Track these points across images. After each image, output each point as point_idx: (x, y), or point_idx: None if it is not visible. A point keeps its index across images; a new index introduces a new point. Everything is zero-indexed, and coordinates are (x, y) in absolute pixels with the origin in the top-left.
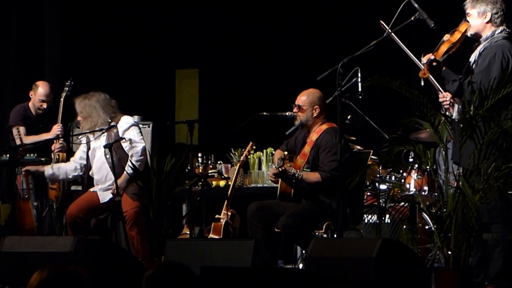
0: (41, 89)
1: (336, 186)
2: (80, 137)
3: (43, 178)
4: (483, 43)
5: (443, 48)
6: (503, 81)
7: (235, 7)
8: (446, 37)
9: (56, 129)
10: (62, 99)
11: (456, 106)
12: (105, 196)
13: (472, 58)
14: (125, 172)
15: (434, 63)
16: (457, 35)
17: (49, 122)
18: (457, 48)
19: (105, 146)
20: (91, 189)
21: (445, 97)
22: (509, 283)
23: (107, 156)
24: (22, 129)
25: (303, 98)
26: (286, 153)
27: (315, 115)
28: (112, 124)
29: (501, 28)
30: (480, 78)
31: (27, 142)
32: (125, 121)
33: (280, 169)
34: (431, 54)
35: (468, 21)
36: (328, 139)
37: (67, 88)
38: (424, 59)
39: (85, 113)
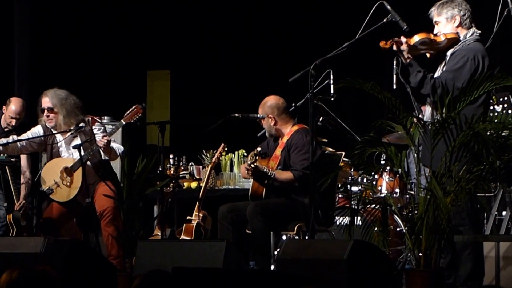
0: (12, 106)
1: (308, 185)
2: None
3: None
4: (455, 46)
5: (418, 37)
6: (476, 84)
7: (207, 9)
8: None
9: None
10: None
11: (428, 109)
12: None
13: (443, 62)
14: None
15: (401, 45)
16: (440, 37)
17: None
18: (434, 55)
19: (74, 147)
20: None
21: None
22: (480, 285)
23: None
24: None
25: (259, 110)
26: (259, 149)
27: (272, 123)
28: (81, 125)
29: (471, 30)
30: (446, 76)
31: None
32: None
33: (252, 166)
34: (403, 36)
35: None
36: (298, 138)
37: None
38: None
39: (64, 110)
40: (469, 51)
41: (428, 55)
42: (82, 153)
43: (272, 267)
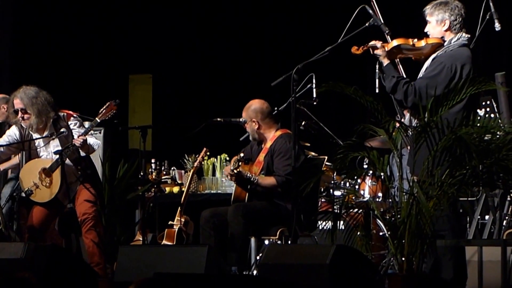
0: None
1: (291, 191)
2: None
3: None
4: (438, 51)
5: (396, 42)
6: (457, 89)
7: (188, 13)
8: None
9: None
10: None
11: (406, 115)
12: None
13: (425, 66)
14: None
15: (376, 50)
16: (421, 42)
17: None
18: (419, 59)
19: (55, 152)
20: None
21: None
22: None
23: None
24: None
25: (243, 114)
26: (242, 154)
27: (256, 127)
28: (62, 130)
29: (458, 35)
30: (420, 83)
31: None
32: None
33: (235, 171)
34: (378, 41)
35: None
36: (281, 144)
37: None
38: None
39: (36, 109)
40: (447, 59)
41: (413, 58)
42: (65, 159)
43: (255, 272)
